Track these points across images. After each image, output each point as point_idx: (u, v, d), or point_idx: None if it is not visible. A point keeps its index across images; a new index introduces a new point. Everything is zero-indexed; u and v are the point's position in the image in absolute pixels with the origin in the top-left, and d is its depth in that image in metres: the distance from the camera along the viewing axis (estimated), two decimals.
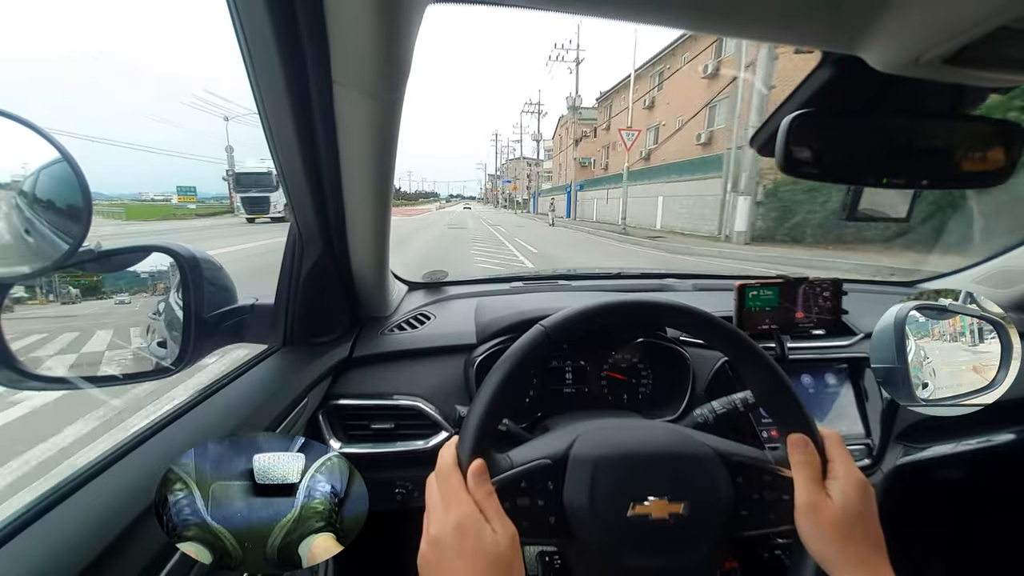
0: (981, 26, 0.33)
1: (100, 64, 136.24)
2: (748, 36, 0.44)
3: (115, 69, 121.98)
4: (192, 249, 0.69)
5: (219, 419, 0.64)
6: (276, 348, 0.86)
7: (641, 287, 1.42)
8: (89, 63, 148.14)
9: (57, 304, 0.60)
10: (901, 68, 0.40)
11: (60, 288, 0.60)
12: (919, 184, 0.50)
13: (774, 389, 0.53)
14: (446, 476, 0.46)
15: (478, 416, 0.48)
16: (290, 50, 0.53)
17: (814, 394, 1.07)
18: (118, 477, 0.51)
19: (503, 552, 0.42)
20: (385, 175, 0.72)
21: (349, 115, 0.60)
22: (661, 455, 0.52)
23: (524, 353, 0.50)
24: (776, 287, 1.00)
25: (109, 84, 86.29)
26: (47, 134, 0.47)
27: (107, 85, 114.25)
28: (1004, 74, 0.40)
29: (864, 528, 0.46)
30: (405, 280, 1.33)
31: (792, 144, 0.46)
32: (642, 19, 0.41)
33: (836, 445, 0.51)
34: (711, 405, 0.76)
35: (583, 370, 1.01)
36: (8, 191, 0.49)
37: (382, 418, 0.91)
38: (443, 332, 1.05)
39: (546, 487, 0.50)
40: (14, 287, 0.56)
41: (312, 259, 0.82)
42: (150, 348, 0.69)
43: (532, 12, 0.42)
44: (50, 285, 0.60)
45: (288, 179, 0.70)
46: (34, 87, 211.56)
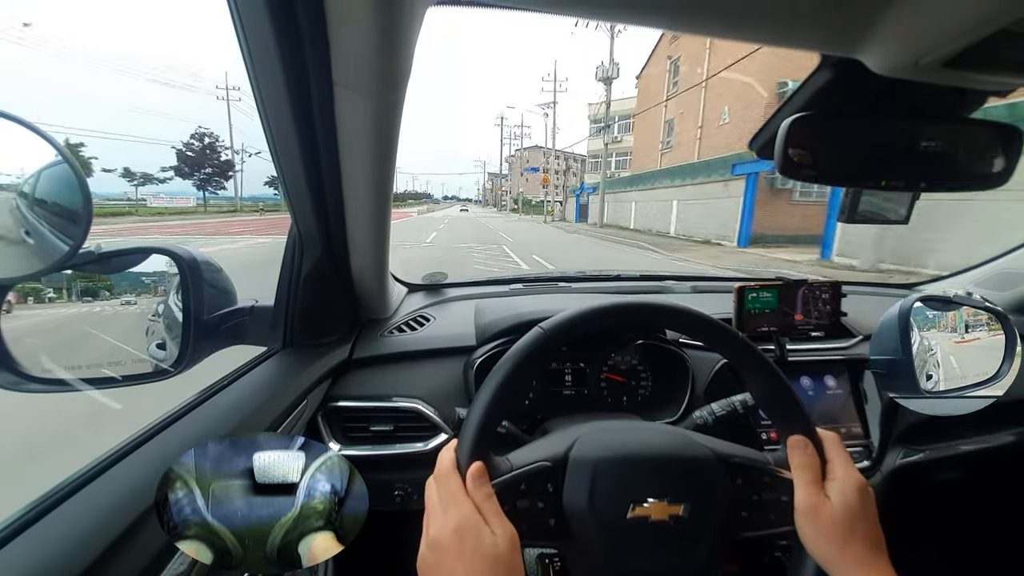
0: (981, 29, 0.33)
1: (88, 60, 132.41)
2: (748, 39, 0.44)
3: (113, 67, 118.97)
4: (192, 251, 0.69)
5: (219, 421, 0.64)
6: (276, 350, 0.86)
7: (640, 289, 1.42)
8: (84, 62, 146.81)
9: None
10: (901, 71, 0.40)
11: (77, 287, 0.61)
12: (918, 187, 0.50)
13: (773, 391, 0.53)
14: (445, 478, 0.46)
15: (477, 419, 0.48)
16: (291, 52, 0.53)
17: (813, 396, 1.07)
18: (119, 478, 0.51)
19: (502, 554, 0.42)
20: (385, 177, 0.72)
21: (349, 116, 0.60)
22: (661, 457, 0.52)
23: (523, 356, 0.50)
24: (775, 289, 1.00)
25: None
26: (47, 135, 0.47)
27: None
28: (1004, 77, 0.41)
29: (864, 529, 0.46)
30: (405, 282, 1.33)
31: (791, 146, 0.46)
32: (640, 21, 0.41)
33: (835, 446, 0.51)
34: (710, 407, 0.76)
35: (583, 372, 1.01)
36: (8, 192, 0.49)
37: (381, 420, 0.91)
38: (443, 334, 1.05)
39: (546, 489, 0.50)
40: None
41: (312, 261, 0.81)
42: (149, 350, 0.69)
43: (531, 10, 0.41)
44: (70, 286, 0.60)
45: (288, 180, 0.70)
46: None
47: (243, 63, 0.56)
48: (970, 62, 0.37)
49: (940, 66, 0.38)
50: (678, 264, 10.88)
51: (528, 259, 10.80)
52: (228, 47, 0.59)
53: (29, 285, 0.59)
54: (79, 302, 0.62)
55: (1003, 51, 0.36)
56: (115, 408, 0.86)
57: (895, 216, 0.64)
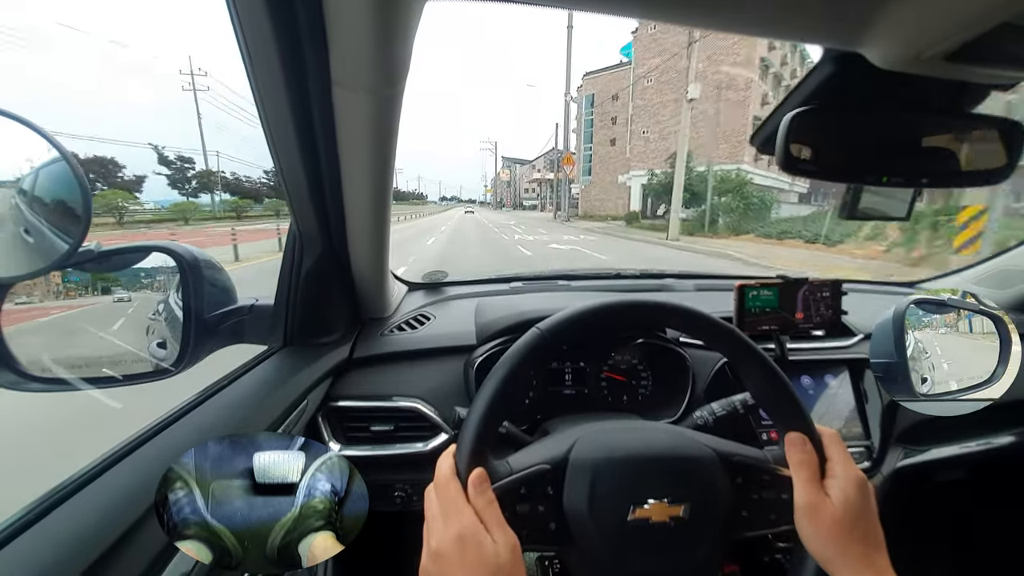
0: (983, 22, 0.33)
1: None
2: (749, 32, 0.44)
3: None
4: (192, 249, 0.69)
5: (219, 420, 0.64)
6: (276, 349, 0.85)
7: (640, 287, 1.42)
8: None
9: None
10: (902, 65, 0.40)
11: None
12: (919, 182, 0.50)
13: (772, 388, 0.53)
14: (445, 486, 0.46)
15: (475, 424, 0.47)
16: (289, 49, 0.53)
17: (814, 395, 1.07)
18: (119, 478, 0.51)
19: (504, 563, 0.41)
20: (385, 174, 0.72)
21: (348, 114, 0.60)
22: (661, 458, 0.52)
23: (520, 357, 0.50)
24: (776, 288, 1.00)
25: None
26: (47, 134, 0.47)
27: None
28: (1006, 71, 0.41)
29: (864, 527, 0.46)
30: (405, 280, 1.33)
31: (792, 142, 0.45)
32: (642, 14, 0.41)
33: (834, 443, 0.51)
34: (711, 406, 0.76)
35: (583, 371, 1.01)
36: (7, 190, 0.49)
37: (382, 420, 0.91)
38: (443, 333, 1.05)
39: (546, 492, 0.50)
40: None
41: (312, 259, 0.81)
42: (150, 349, 0.69)
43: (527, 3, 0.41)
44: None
45: (288, 179, 0.70)
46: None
47: (242, 63, 0.56)
48: (972, 56, 0.37)
49: (942, 60, 0.38)
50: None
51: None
52: (227, 47, 0.59)
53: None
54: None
55: (1005, 45, 0.36)
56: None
57: (896, 212, 0.64)
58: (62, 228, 0.50)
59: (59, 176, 0.49)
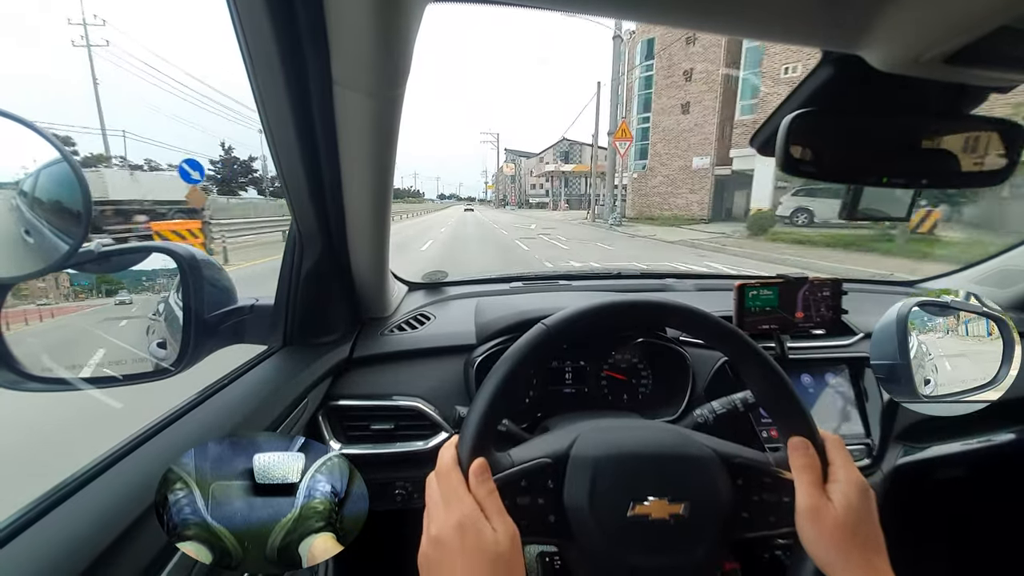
0: (982, 25, 0.33)
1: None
2: (748, 35, 0.44)
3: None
4: (192, 249, 0.69)
5: (219, 420, 0.64)
6: (276, 349, 0.86)
7: (641, 287, 1.42)
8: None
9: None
10: (902, 67, 0.40)
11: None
12: (919, 183, 0.50)
13: (774, 389, 0.53)
14: (446, 475, 0.46)
15: (479, 414, 0.48)
16: (290, 50, 0.53)
17: (814, 394, 1.07)
18: (119, 477, 0.51)
19: (503, 551, 0.42)
20: (385, 175, 0.72)
21: (349, 114, 0.60)
22: (662, 455, 0.52)
23: (526, 352, 0.51)
24: (776, 287, 1.00)
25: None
26: (47, 134, 0.47)
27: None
28: (1005, 73, 0.41)
29: (865, 532, 0.46)
30: (405, 280, 1.33)
31: (792, 143, 0.45)
32: (642, 17, 0.41)
33: (837, 448, 0.51)
34: (711, 405, 0.76)
35: (583, 370, 1.01)
36: (8, 191, 0.49)
37: (382, 419, 0.91)
38: (443, 332, 1.05)
39: (546, 486, 0.50)
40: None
41: (312, 259, 0.82)
42: (150, 349, 0.69)
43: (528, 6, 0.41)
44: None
45: (288, 179, 0.70)
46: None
47: (242, 63, 0.56)
48: (971, 58, 0.37)
49: (941, 62, 0.38)
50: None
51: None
52: (228, 47, 0.59)
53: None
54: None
55: (1004, 47, 0.36)
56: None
57: (896, 213, 0.64)
58: (62, 229, 0.51)
59: (59, 177, 0.49)
